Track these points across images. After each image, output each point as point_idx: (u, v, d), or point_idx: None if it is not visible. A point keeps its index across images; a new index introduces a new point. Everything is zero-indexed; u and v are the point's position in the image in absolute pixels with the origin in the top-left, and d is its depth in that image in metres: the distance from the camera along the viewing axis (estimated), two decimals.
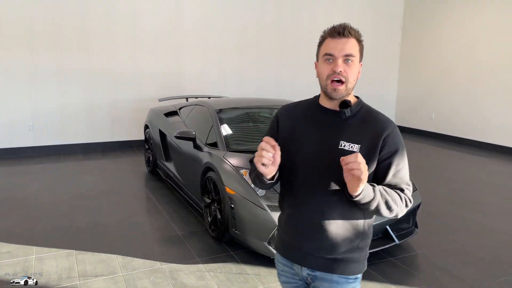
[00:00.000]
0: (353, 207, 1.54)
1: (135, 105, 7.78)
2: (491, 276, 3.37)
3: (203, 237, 3.98)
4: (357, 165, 1.35)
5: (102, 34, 7.30)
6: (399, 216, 1.55)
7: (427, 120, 9.91)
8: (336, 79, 1.51)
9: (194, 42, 8.11)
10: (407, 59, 10.36)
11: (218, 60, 8.40)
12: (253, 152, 3.85)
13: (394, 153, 1.55)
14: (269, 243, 3.29)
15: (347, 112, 1.57)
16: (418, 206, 3.85)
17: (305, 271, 1.66)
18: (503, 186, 5.88)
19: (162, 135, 5.58)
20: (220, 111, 4.61)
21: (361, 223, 1.61)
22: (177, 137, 4.35)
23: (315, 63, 1.63)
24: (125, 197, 5.11)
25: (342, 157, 1.40)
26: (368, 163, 1.49)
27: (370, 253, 3.36)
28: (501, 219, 4.60)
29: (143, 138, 7.78)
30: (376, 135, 1.54)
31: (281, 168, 1.58)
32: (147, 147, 6.26)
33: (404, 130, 10.37)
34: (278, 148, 1.46)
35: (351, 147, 1.53)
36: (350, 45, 1.51)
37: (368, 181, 1.50)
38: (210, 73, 8.35)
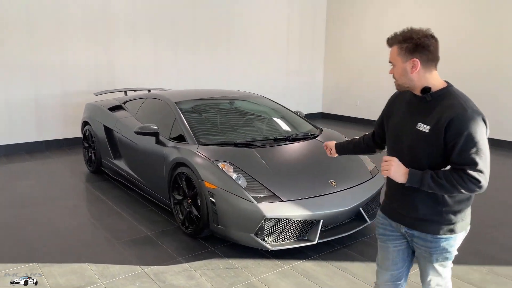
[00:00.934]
0: None
1: (64, 100, 7.14)
2: None
3: (175, 235, 3.82)
4: (385, 166, 1.86)
5: (20, 22, 6.53)
6: (465, 193, 1.75)
7: (353, 106, 10.53)
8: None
9: (127, 32, 7.64)
10: (332, 50, 10.85)
11: (153, 52, 8.03)
12: (225, 145, 3.79)
13: (458, 136, 1.71)
14: (256, 234, 3.26)
15: (427, 96, 1.85)
16: (382, 186, 4.09)
17: (403, 228, 1.99)
18: None
19: (108, 131, 5.20)
20: (180, 103, 4.43)
21: (437, 194, 1.83)
22: (138, 133, 4.09)
23: None
24: (74, 201, 4.70)
25: (384, 157, 1.91)
26: (433, 142, 1.78)
27: (346, 236, 3.54)
28: None
29: (74, 136, 7.26)
30: (442, 118, 1.75)
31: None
32: (86, 145, 5.80)
33: (331, 117, 10.90)
34: None
35: (424, 128, 1.81)
36: (391, 53, 1.93)
37: (437, 158, 1.80)
38: (144, 65, 7.95)
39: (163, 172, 4.04)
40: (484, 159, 1.72)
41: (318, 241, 3.35)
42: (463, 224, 1.90)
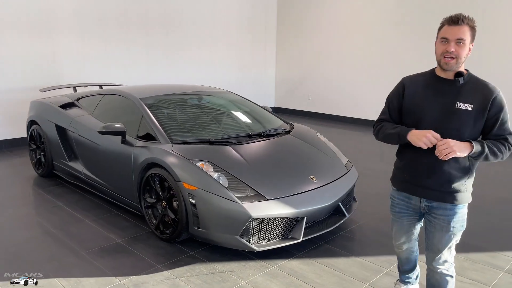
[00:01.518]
0: None
1: (3, 97, 6.48)
2: None
3: (149, 241, 3.58)
4: (447, 149, 2.00)
5: None
6: (504, 157, 2.11)
7: (305, 100, 10.63)
8: (448, 56, 2.06)
9: (71, 23, 7.08)
10: (283, 45, 10.87)
11: (102, 46, 7.52)
12: (200, 143, 3.60)
13: (499, 111, 2.08)
14: (241, 236, 3.12)
15: (461, 80, 2.12)
16: (356, 180, 4.10)
17: (423, 202, 2.25)
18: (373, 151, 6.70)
19: (61, 131, 4.78)
20: (145, 100, 4.15)
21: (467, 165, 2.15)
22: (102, 133, 3.77)
23: (435, 42, 2.15)
24: (26, 209, 4.26)
25: (438, 143, 2.03)
26: (479, 118, 2.08)
27: (327, 232, 3.51)
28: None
29: (17, 136, 6.65)
30: (486, 97, 2.07)
31: (404, 121, 2.27)
32: (34, 146, 5.30)
33: (284, 111, 10.94)
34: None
35: (466, 106, 2.07)
36: (463, 31, 2.03)
37: (476, 132, 2.10)
38: (92, 60, 7.43)
39: (131, 174, 3.76)
40: None
41: (303, 239, 3.29)
42: (471, 194, 2.23)
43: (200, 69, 9.25)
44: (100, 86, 6.28)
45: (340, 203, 3.66)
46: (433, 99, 2.15)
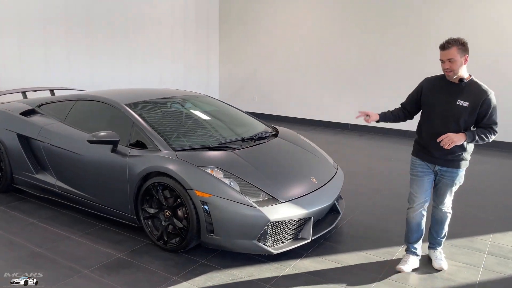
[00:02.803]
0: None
1: None
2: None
3: (152, 252, 3.44)
4: (448, 141, 2.85)
5: None
6: (490, 140, 2.93)
7: (251, 102, 10.78)
8: (447, 71, 2.91)
9: (8, 18, 6.44)
10: (226, 48, 10.91)
11: (43, 48, 6.94)
12: (202, 149, 3.56)
13: (488, 108, 2.87)
14: (258, 240, 3.15)
15: (463, 83, 2.93)
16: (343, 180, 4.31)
17: (436, 167, 3.12)
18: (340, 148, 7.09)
19: (25, 141, 4.38)
20: (131, 106, 3.97)
21: (465, 143, 2.96)
22: (92, 142, 3.54)
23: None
24: None
25: (441, 138, 2.89)
26: (472, 113, 2.89)
27: (328, 231, 3.66)
28: (374, 179, 5.59)
29: None
30: (477, 99, 2.87)
31: (422, 112, 3.16)
32: None
33: None
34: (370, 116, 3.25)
35: (463, 103, 2.90)
36: (451, 52, 2.84)
37: (470, 122, 2.92)
38: (32, 61, 6.83)
39: (125, 185, 3.58)
40: (497, 119, 2.93)
41: (312, 238, 3.41)
42: (468, 162, 3.10)
43: (149, 72, 8.96)
44: (51, 91, 5.82)
45: (336, 202, 3.84)
46: (441, 96, 3.00)
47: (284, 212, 3.20)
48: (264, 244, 3.17)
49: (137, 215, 3.61)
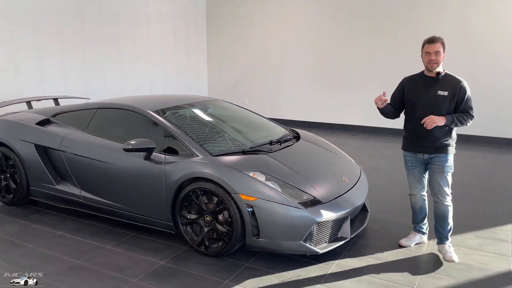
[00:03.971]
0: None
1: None
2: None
3: (193, 258, 3.44)
4: (430, 122, 3.19)
5: None
6: (468, 124, 3.28)
7: (241, 105, 10.80)
8: (432, 63, 3.27)
9: (1, 29, 6.25)
10: (214, 53, 10.94)
11: (37, 56, 6.77)
12: (236, 153, 3.61)
13: (464, 95, 3.27)
14: (305, 241, 3.22)
15: (440, 76, 3.33)
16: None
17: (425, 156, 3.40)
18: None
19: (44, 151, 4.28)
20: (158, 113, 3.95)
21: (449, 130, 3.33)
22: (128, 150, 3.51)
23: (420, 55, 3.37)
24: (26, 245, 3.73)
25: (424, 120, 3.24)
26: (452, 100, 3.26)
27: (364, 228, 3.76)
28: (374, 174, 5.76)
29: None
30: (455, 87, 3.27)
31: (406, 107, 3.48)
32: None
33: None
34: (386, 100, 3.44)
35: (443, 93, 3.27)
36: (437, 46, 3.25)
37: (451, 110, 3.28)
38: (26, 71, 6.64)
39: (162, 192, 3.56)
40: (473, 105, 3.32)
41: (351, 236, 3.51)
42: (455, 148, 3.42)
43: (142, 77, 8.87)
44: (55, 100, 5.70)
45: (365, 201, 3.95)
46: (423, 89, 3.36)
47: (327, 212, 3.28)
48: (310, 245, 3.24)
49: (174, 221, 3.60)
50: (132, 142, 3.53)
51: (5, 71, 6.35)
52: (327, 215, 3.26)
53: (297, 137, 4.41)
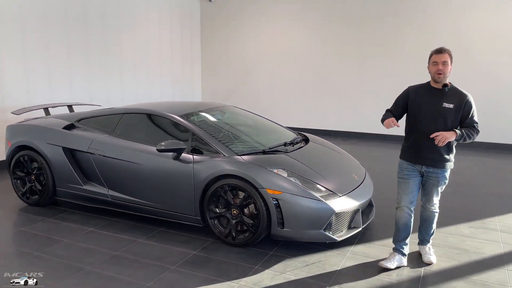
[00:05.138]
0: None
1: None
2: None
3: (222, 248, 3.79)
4: (442, 138, 3.12)
5: None
6: (474, 139, 3.27)
7: None
8: (439, 73, 3.22)
9: (13, 41, 6.49)
10: (208, 63, 11.32)
11: (46, 65, 7.01)
12: (257, 153, 3.99)
13: (470, 109, 3.26)
14: (324, 230, 3.62)
15: (446, 89, 3.28)
16: None
17: (423, 168, 3.36)
18: None
19: (71, 154, 4.57)
20: (184, 117, 4.31)
21: (451, 145, 3.33)
22: (161, 150, 3.86)
23: (427, 66, 3.32)
24: (62, 241, 4.00)
25: (435, 134, 3.18)
26: (457, 113, 3.23)
27: (371, 222, 4.18)
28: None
29: None
30: (461, 101, 3.25)
31: (409, 116, 3.42)
32: (22, 174, 4.85)
33: None
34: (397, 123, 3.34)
35: (449, 105, 3.23)
36: (445, 56, 3.21)
37: (455, 122, 3.24)
38: (35, 80, 6.88)
39: (191, 188, 3.91)
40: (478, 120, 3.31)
41: (363, 227, 3.93)
42: (453, 164, 3.42)
43: (141, 86, 9.18)
44: (69, 107, 5.97)
45: (371, 198, 4.38)
46: (428, 101, 3.31)
47: (344, 204, 3.70)
48: (329, 233, 3.64)
49: (202, 215, 3.95)
50: (164, 143, 3.88)
51: (16, 79, 6.56)
52: (344, 207, 3.68)
53: (306, 140, 4.83)
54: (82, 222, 4.39)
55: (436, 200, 3.45)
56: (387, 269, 3.41)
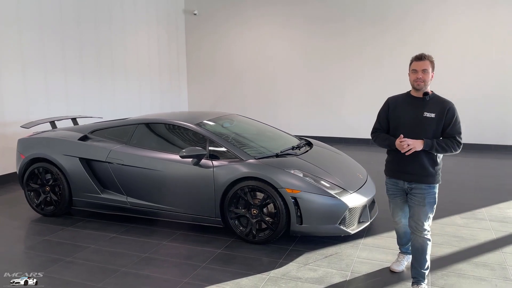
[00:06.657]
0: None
1: None
2: None
3: (243, 246, 4.06)
4: (406, 146, 2.95)
5: None
6: (455, 152, 3.02)
7: None
8: (418, 81, 3.02)
9: (12, 56, 6.59)
10: (193, 74, 11.58)
11: (43, 79, 7.11)
12: (271, 157, 4.30)
13: (451, 118, 3.01)
14: (339, 224, 3.95)
15: (427, 97, 3.08)
16: None
17: (406, 184, 3.14)
18: None
19: (87, 164, 4.74)
20: (199, 126, 4.58)
21: (435, 157, 3.07)
22: (184, 157, 4.12)
23: (408, 74, 3.10)
24: (90, 248, 4.16)
25: (400, 140, 2.99)
26: (439, 122, 3.00)
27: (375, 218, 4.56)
28: None
29: None
30: (442, 109, 3.02)
31: (390, 128, 3.19)
32: (36, 186, 4.97)
33: None
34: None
35: (430, 115, 3.01)
36: (425, 64, 3.00)
37: (438, 133, 3.01)
38: (34, 94, 6.97)
39: (212, 191, 4.17)
40: (461, 131, 3.05)
41: (370, 221, 4.29)
42: (441, 177, 3.15)
43: (131, 98, 9.36)
44: (73, 119, 6.11)
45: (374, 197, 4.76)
46: (408, 110, 3.09)
47: (355, 200, 4.05)
48: (344, 227, 3.98)
49: (222, 217, 4.21)
50: (185, 150, 4.14)
51: (15, 95, 6.64)
52: (356, 202, 4.04)
53: (309, 144, 5.18)
54: (102, 229, 4.56)
55: (426, 224, 3.07)
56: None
